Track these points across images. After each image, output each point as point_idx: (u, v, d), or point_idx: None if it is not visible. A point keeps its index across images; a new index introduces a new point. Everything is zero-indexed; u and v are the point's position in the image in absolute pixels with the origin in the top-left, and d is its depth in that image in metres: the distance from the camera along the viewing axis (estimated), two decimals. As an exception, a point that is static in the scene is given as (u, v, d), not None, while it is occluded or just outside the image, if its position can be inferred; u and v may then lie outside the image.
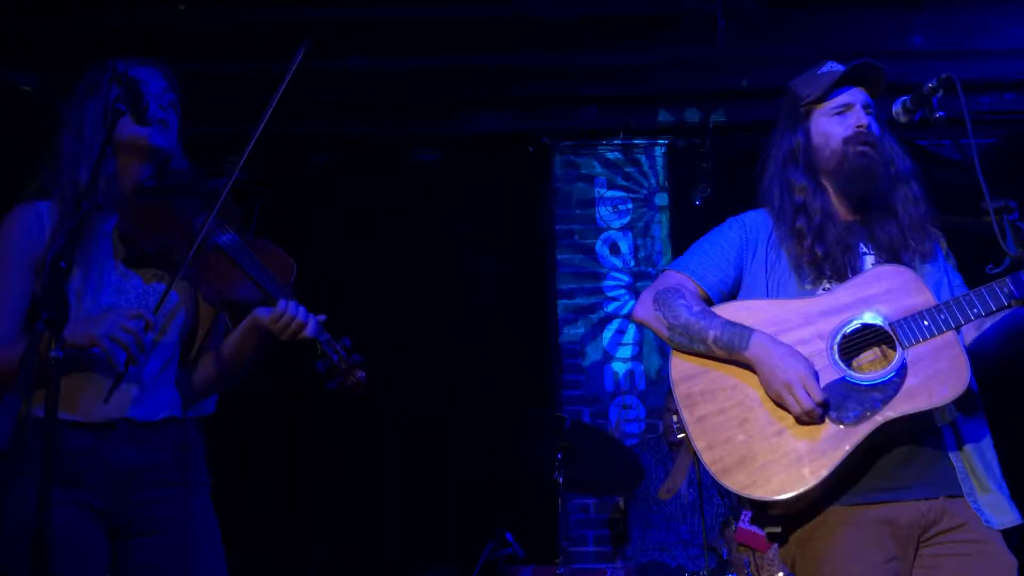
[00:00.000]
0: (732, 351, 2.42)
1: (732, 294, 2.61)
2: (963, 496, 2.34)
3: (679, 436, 4.41)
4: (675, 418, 4.32)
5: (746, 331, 2.41)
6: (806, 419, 2.32)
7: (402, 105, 5.56)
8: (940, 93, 2.29)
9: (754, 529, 3.75)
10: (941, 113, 2.29)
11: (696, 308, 2.49)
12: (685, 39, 4.97)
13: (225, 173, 2.43)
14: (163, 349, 2.48)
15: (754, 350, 2.39)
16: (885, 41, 4.91)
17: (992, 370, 2.47)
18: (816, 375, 2.34)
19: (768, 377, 2.37)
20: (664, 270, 2.70)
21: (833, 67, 2.59)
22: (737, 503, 4.05)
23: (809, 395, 2.30)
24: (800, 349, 2.39)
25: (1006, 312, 2.34)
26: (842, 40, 4.77)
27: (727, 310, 2.50)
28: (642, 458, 4.72)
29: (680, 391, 2.49)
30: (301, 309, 2.42)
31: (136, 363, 2.29)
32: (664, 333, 2.53)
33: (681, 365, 2.51)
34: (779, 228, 2.57)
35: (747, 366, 2.43)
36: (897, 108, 2.40)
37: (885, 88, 2.56)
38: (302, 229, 5.58)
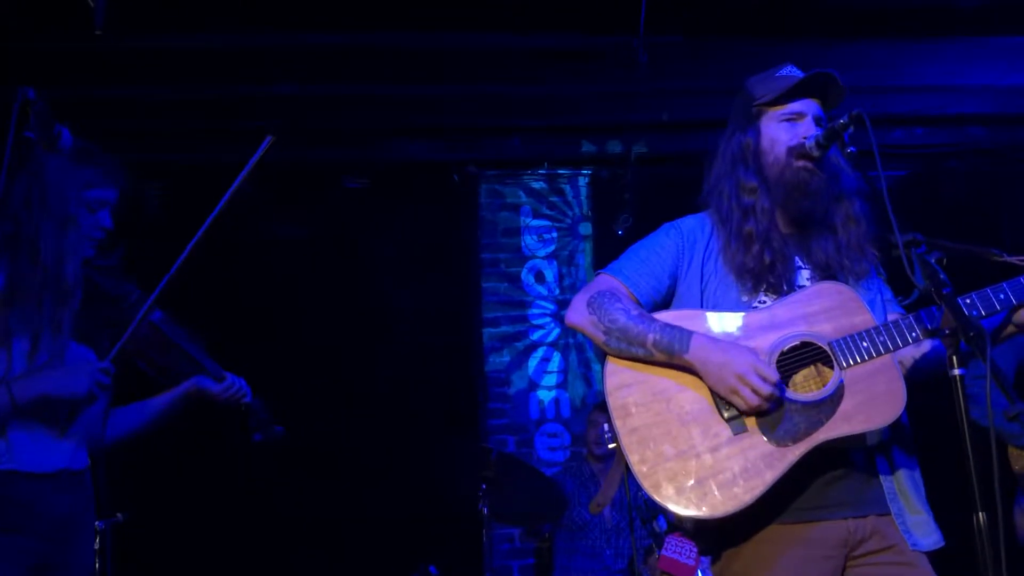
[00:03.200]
0: (672, 354, 2.35)
1: (664, 303, 2.54)
2: (891, 515, 2.35)
3: (610, 446, 4.42)
4: (607, 427, 4.33)
5: (686, 333, 2.34)
6: (766, 406, 2.26)
7: (329, 132, 5.52)
8: (851, 128, 2.29)
9: (677, 557, 3.77)
10: (852, 148, 2.29)
11: (634, 312, 2.42)
12: (609, 72, 5.03)
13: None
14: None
15: (695, 352, 2.32)
16: (802, 71, 5.04)
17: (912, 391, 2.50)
18: (763, 362, 2.29)
19: (716, 375, 2.30)
20: (598, 274, 2.60)
21: (792, 71, 2.54)
22: (661, 532, 4.07)
23: (764, 380, 2.25)
24: None
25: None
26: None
27: (665, 318, 2.43)
28: (566, 485, 4.74)
29: (615, 400, 2.40)
30: (241, 381, 2.98)
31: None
32: (600, 337, 2.43)
33: (616, 374, 2.43)
34: (722, 232, 2.50)
35: (688, 371, 2.37)
36: (810, 143, 2.40)
37: (839, 101, 2.51)
38: (227, 255, 5.49)
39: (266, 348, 5.35)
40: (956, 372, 1.99)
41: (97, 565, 3.23)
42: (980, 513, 1.90)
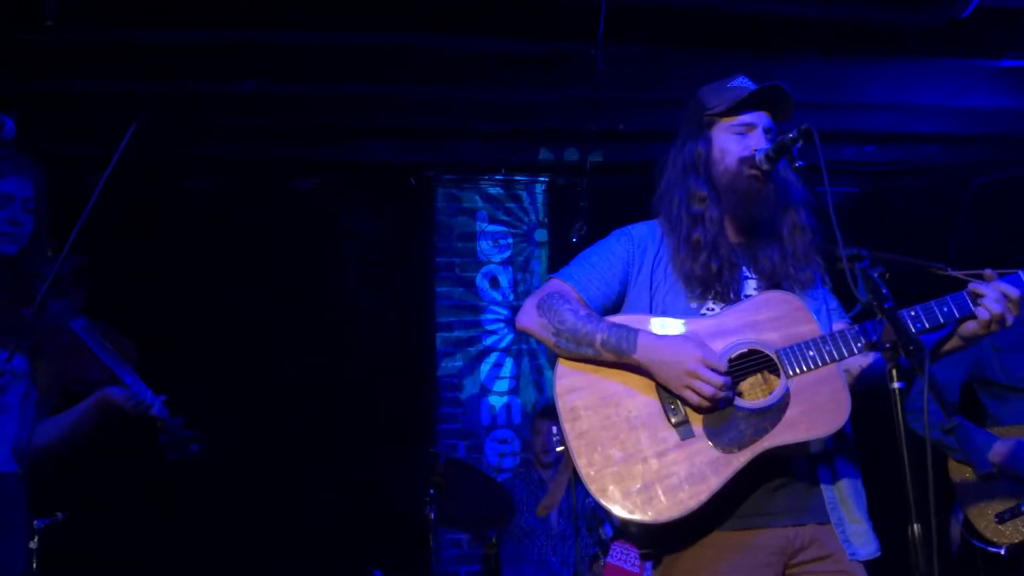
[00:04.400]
0: (621, 354, 2.37)
1: (614, 308, 2.56)
2: (831, 524, 2.38)
3: (559, 450, 4.42)
4: (555, 430, 4.34)
5: (632, 332, 2.37)
6: (720, 397, 2.29)
7: (285, 131, 5.48)
8: (800, 143, 2.33)
9: (622, 564, 3.79)
10: (801, 163, 2.32)
11: (583, 312, 2.44)
12: (567, 80, 5.05)
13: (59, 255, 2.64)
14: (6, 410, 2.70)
15: (643, 352, 2.34)
16: (755, 82, 5.11)
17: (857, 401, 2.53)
18: (712, 351, 2.32)
19: (667, 372, 2.33)
20: (549, 278, 2.63)
21: (743, 82, 2.58)
22: (607, 538, 4.08)
23: (714, 373, 2.28)
24: None
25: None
26: (715, 85, 4.94)
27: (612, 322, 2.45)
28: (515, 491, 4.74)
29: (563, 404, 2.42)
30: (149, 392, 2.84)
31: None
32: (550, 339, 2.46)
33: (567, 376, 2.45)
34: (672, 239, 2.53)
35: (637, 372, 2.39)
36: (760, 157, 2.44)
37: (790, 114, 2.55)
38: (179, 252, 5.44)
39: (217, 348, 5.30)
40: (895, 385, 2.02)
41: (34, 565, 3.20)
42: (915, 524, 1.93)
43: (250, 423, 5.07)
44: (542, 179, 6.06)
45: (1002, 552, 3.54)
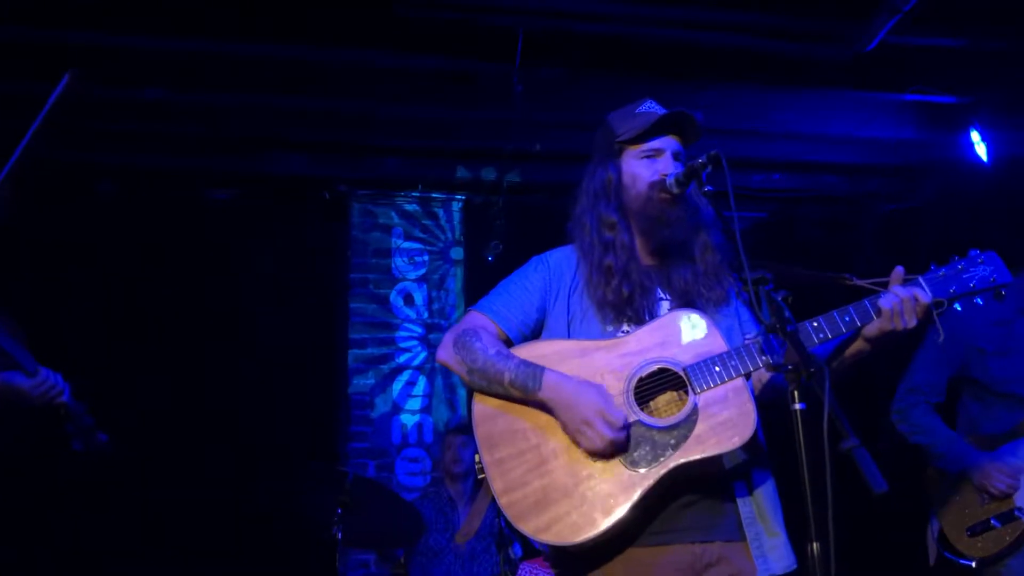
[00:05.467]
0: (527, 393, 2.41)
1: (534, 336, 2.60)
2: (742, 541, 2.42)
3: (480, 477, 4.41)
4: (477, 458, 4.32)
5: (538, 371, 2.40)
6: (610, 451, 2.33)
7: (198, 140, 5.37)
8: (709, 168, 2.38)
9: (530, 584, 3.79)
10: (709, 187, 2.37)
11: (492, 350, 2.47)
12: (485, 100, 5.08)
13: None
14: None
15: (546, 392, 2.38)
16: (663, 107, 5.20)
17: (776, 406, 2.57)
18: (611, 399, 2.36)
19: (564, 417, 2.37)
20: (468, 311, 2.65)
21: (651, 106, 2.62)
22: (516, 559, 4.07)
23: (609, 425, 2.32)
24: None
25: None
26: (632, 111, 5.02)
27: (527, 350, 2.49)
28: (424, 511, 4.70)
29: (480, 432, 2.46)
30: (58, 378, 2.72)
31: None
32: (465, 377, 2.51)
33: (482, 405, 2.49)
34: (585, 264, 2.57)
35: (538, 406, 2.42)
36: (670, 181, 2.48)
37: (697, 138, 2.60)
38: (86, 260, 5.28)
39: (119, 360, 5.15)
40: (797, 407, 2.05)
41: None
42: (814, 543, 1.97)
43: (150, 437, 4.92)
44: (459, 197, 6.06)
45: (972, 565, 3.63)
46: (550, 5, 4.50)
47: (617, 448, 2.34)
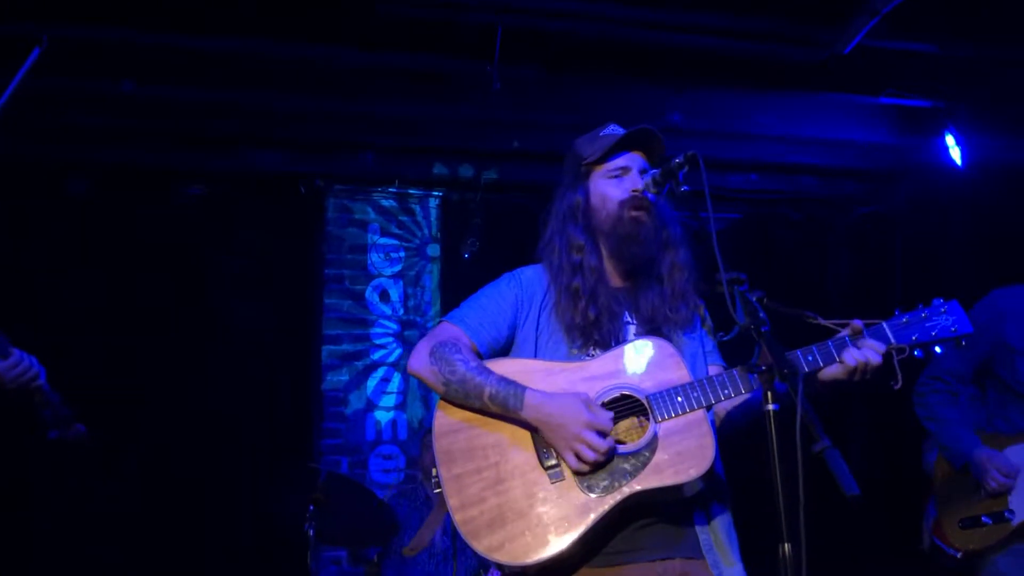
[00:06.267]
0: (507, 410, 2.41)
1: (503, 351, 2.60)
2: (703, 559, 2.43)
3: (436, 492, 4.41)
4: (434, 471, 4.32)
5: (520, 391, 2.40)
6: (603, 460, 2.33)
7: (171, 136, 5.33)
8: (686, 169, 2.37)
9: (502, 583, 3.79)
10: (686, 187, 2.36)
11: (472, 364, 2.47)
12: (464, 97, 5.08)
13: None
14: None
15: (529, 410, 2.38)
16: (648, 117, 5.21)
17: (734, 440, 2.58)
18: (596, 405, 2.36)
19: (553, 433, 2.37)
20: (440, 321, 2.66)
21: (615, 130, 2.64)
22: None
23: (600, 437, 2.32)
24: None
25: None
26: (610, 112, 5.00)
27: (498, 367, 2.49)
28: (398, 509, 4.69)
29: (440, 445, 2.46)
30: (34, 359, 2.57)
31: None
32: (440, 388, 2.50)
33: (444, 419, 2.48)
34: (555, 285, 2.59)
35: (517, 423, 2.43)
36: (647, 180, 2.49)
37: (662, 154, 2.61)
38: (55, 258, 5.21)
39: (91, 357, 5.09)
40: (770, 407, 2.06)
41: None
42: (785, 544, 1.98)
43: (121, 432, 4.88)
44: (436, 194, 6.04)
45: (958, 556, 3.67)
46: (529, 4, 4.51)
47: (611, 455, 2.34)
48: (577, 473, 2.36)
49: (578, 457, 2.34)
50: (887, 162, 5.92)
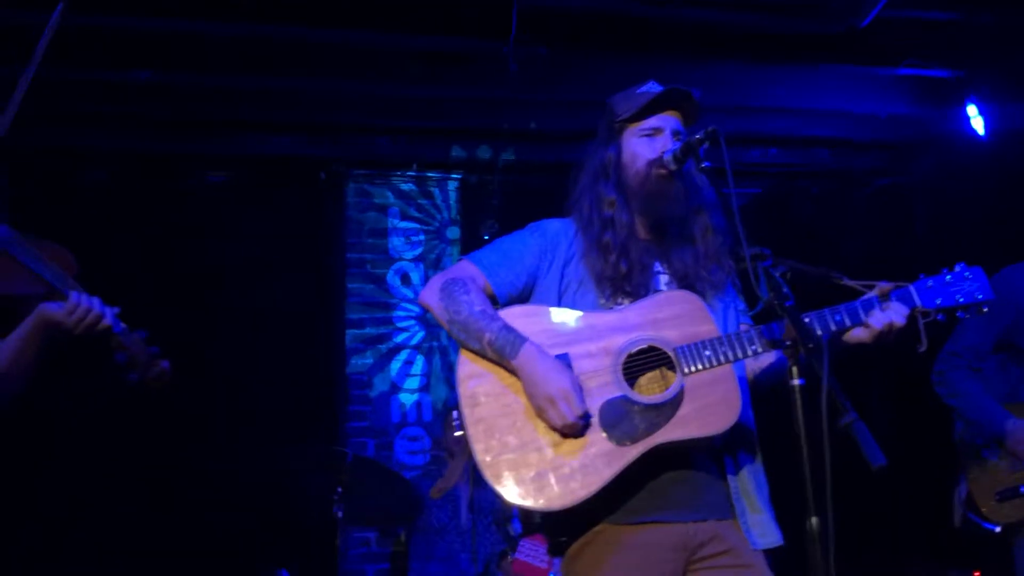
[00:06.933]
0: (502, 357, 2.41)
1: (520, 299, 2.60)
2: (733, 519, 2.44)
3: (457, 435, 4.44)
4: (455, 414, 4.35)
5: (519, 340, 2.40)
6: (568, 432, 2.35)
7: (190, 123, 5.36)
8: (707, 144, 2.40)
9: (531, 560, 3.81)
10: (707, 163, 2.38)
11: (479, 307, 2.47)
12: (480, 78, 5.06)
13: None
14: None
15: (520, 360, 2.39)
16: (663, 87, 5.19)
17: (765, 398, 2.59)
18: (581, 389, 2.37)
19: (531, 389, 2.38)
20: (460, 259, 2.67)
21: (652, 87, 2.62)
22: (515, 535, 4.10)
23: (571, 409, 2.33)
24: (586, 362, 2.42)
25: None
26: (626, 88, 5.02)
27: (516, 312, 2.50)
28: (424, 489, 4.72)
29: (464, 389, 2.45)
30: (96, 300, 2.41)
31: None
32: (445, 324, 2.51)
33: (469, 363, 2.48)
34: (584, 240, 2.58)
35: (513, 373, 2.43)
36: (668, 157, 2.50)
37: (697, 116, 2.62)
38: (75, 248, 5.25)
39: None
40: (795, 382, 2.07)
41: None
42: (813, 518, 1.99)
43: (153, 419, 4.93)
44: (455, 176, 6.05)
45: (996, 530, 3.63)
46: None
47: (575, 432, 2.35)
48: (602, 422, 2.36)
49: (546, 417, 2.36)
50: (907, 134, 5.87)
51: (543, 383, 2.36)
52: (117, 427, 4.93)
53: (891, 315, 2.38)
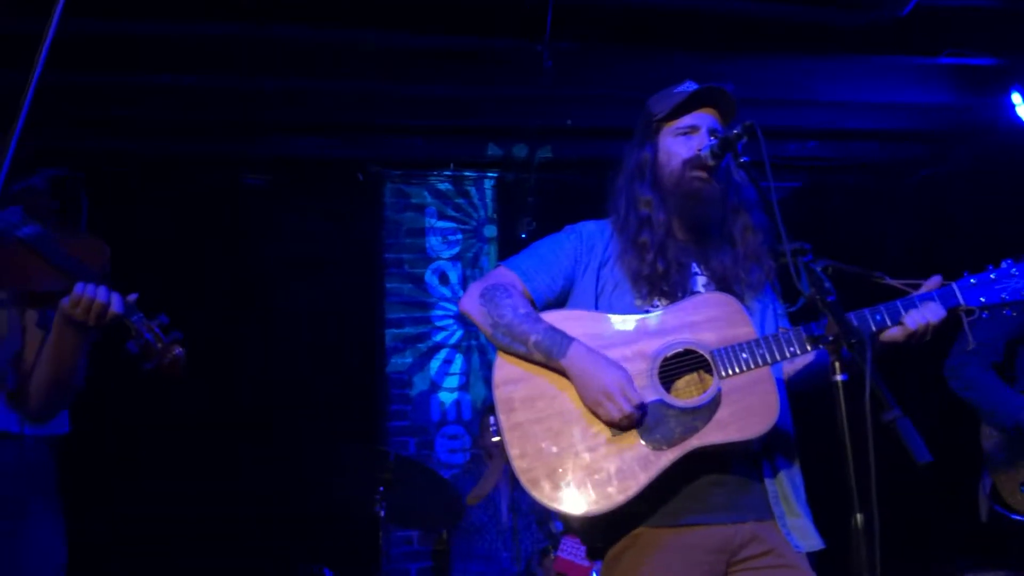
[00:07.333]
0: (550, 358, 2.41)
1: (557, 302, 2.60)
2: (773, 520, 2.42)
3: (494, 440, 4.45)
4: (492, 419, 4.35)
5: (566, 339, 2.40)
6: (626, 424, 2.33)
7: (230, 126, 5.41)
8: (745, 139, 2.37)
9: (572, 559, 3.81)
10: (745, 158, 2.37)
11: (522, 310, 2.48)
12: (515, 76, 5.06)
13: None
14: None
15: (571, 359, 2.38)
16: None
17: (802, 399, 2.57)
18: (634, 384, 2.36)
19: (585, 386, 2.37)
20: (497, 266, 2.67)
21: (689, 86, 2.61)
22: (557, 533, 4.10)
23: (628, 400, 2.32)
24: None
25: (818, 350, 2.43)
26: (663, 83, 4.99)
27: (553, 318, 2.49)
28: (465, 487, 4.74)
29: (500, 394, 2.45)
30: (102, 289, 2.32)
31: None
32: (488, 330, 2.50)
33: (505, 368, 2.48)
34: (620, 240, 2.58)
35: (562, 374, 2.42)
36: (705, 152, 2.48)
37: (734, 114, 2.59)
38: (117, 251, 5.32)
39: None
40: (838, 378, 2.04)
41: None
42: (858, 515, 1.97)
43: (197, 421, 5.00)
44: (491, 175, 6.06)
45: None
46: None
47: (634, 424, 2.34)
48: (638, 427, 2.35)
49: (604, 412, 2.34)
50: (948, 123, 5.78)
51: (597, 378, 2.35)
52: (162, 424, 5.00)
53: (927, 314, 2.35)
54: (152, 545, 5.01)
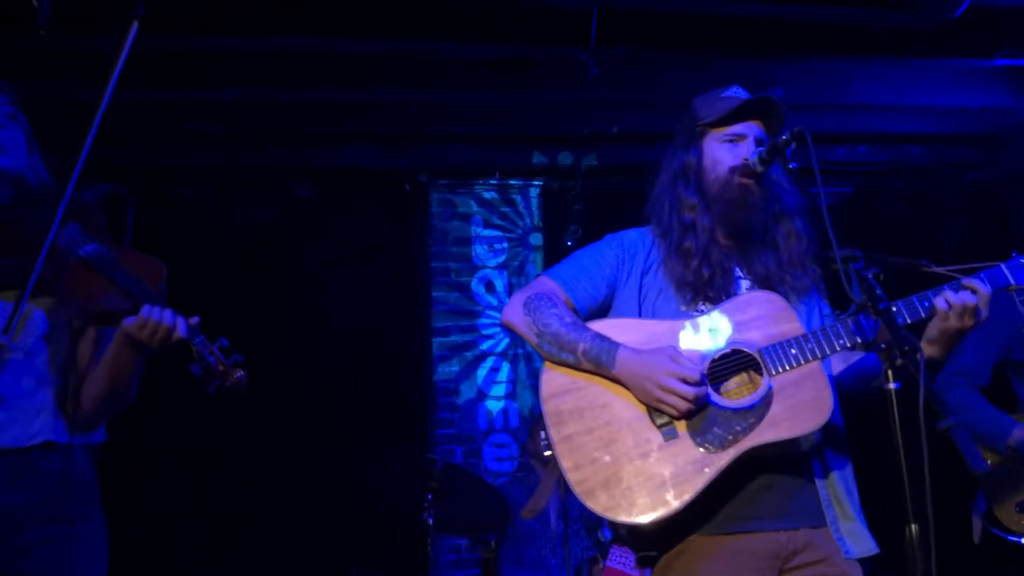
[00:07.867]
0: (599, 366, 2.39)
1: (600, 311, 2.58)
2: (825, 526, 2.38)
3: (546, 454, 4.44)
4: (543, 434, 4.35)
5: (613, 347, 2.39)
6: (696, 407, 2.31)
7: (278, 137, 5.48)
8: (793, 145, 2.34)
9: (621, 568, 3.79)
10: (794, 164, 2.34)
11: (568, 319, 2.46)
12: (560, 83, 5.06)
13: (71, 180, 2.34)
14: (30, 368, 2.39)
15: (620, 367, 2.36)
16: (750, 91, 5.12)
17: (851, 402, 2.53)
18: (682, 356, 2.34)
19: (641, 389, 2.35)
20: (538, 276, 2.67)
21: (737, 92, 2.60)
22: (606, 541, 4.08)
23: (686, 383, 2.29)
24: None
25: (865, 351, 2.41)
26: (707, 89, 4.95)
27: (599, 327, 2.47)
28: (513, 495, 4.74)
29: (549, 407, 2.44)
30: (168, 312, 2.35)
31: None
32: (533, 340, 2.49)
33: (552, 381, 2.47)
34: (663, 245, 2.56)
35: (616, 382, 2.41)
36: (753, 159, 2.46)
37: (781, 125, 2.55)
38: (169, 264, 5.41)
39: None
40: (891, 386, 2.02)
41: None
42: (912, 524, 1.94)
43: (247, 430, 5.06)
44: (536, 183, 6.07)
45: (1022, 541, 3.55)
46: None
47: (701, 397, 2.31)
48: (691, 431, 2.33)
49: (671, 407, 2.32)
50: (1001, 125, 5.68)
51: (650, 377, 2.33)
52: (213, 431, 5.07)
53: (964, 295, 2.31)
54: (203, 547, 5.08)
